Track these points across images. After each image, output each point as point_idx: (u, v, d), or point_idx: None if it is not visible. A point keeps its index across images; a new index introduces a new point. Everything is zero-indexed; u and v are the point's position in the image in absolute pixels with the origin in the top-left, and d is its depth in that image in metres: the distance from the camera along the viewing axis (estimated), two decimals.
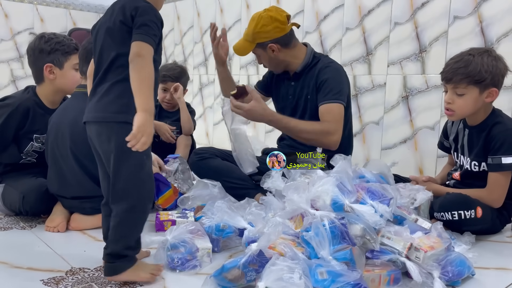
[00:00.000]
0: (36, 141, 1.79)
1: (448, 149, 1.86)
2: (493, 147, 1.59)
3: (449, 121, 1.84)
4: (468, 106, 1.60)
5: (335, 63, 2.00)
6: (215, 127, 3.69)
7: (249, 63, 3.35)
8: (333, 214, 1.23)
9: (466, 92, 1.57)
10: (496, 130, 1.59)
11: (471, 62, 1.56)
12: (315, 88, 1.94)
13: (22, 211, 1.68)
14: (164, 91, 2.50)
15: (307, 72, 1.99)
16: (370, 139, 2.58)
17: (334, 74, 1.93)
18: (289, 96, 2.05)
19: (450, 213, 1.53)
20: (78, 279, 1.21)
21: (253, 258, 1.13)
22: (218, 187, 1.79)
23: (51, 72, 1.77)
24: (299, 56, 2.00)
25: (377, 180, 1.49)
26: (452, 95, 1.60)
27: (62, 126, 1.63)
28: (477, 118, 1.66)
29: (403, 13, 2.40)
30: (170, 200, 1.89)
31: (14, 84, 4.17)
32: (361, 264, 1.18)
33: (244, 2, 3.34)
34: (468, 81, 1.56)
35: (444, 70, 1.63)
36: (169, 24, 4.11)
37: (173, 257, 1.28)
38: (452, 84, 1.59)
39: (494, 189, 1.60)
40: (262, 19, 1.93)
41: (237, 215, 1.43)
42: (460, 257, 1.26)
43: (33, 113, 1.78)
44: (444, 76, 1.62)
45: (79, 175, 1.61)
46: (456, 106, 1.61)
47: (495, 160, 1.58)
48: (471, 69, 1.55)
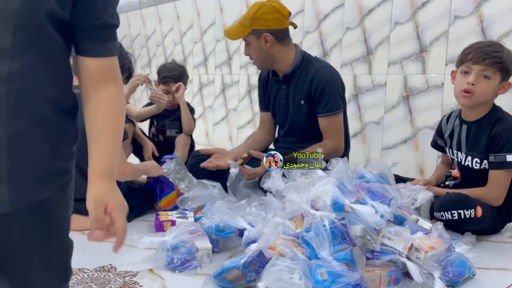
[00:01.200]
0: None
1: (441, 147, 1.85)
2: (496, 144, 1.58)
3: (444, 117, 1.83)
4: (489, 91, 1.58)
5: (328, 67, 2.00)
6: (215, 127, 3.69)
7: (249, 63, 3.34)
8: (333, 214, 1.23)
9: (492, 77, 1.56)
10: (499, 127, 1.59)
11: (504, 50, 1.56)
12: (310, 96, 1.95)
13: None
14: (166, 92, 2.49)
15: (298, 75, 1.98)
16: (371, 139, 2.58)
17: (329, 81, 1.93)
18: (282, 99, 2.05)
19: (450, 212, 1.53)
20: (78, 279, 1.20)
21: (253, 258, 1.13)
22: (218, 187, 1.78)
23: None
24: (289, 56, 1.98)
25: (377, 180, 1.49)
26: (477, 77, 1.56)
27: None
28: (478, 112, 1.65)
29: (403, 12, 2.40)
30: (172, 202, 1.89)
31: None
32: (362, 265, 1.18)
33: (244, 2, 3.33)
34: (499, 67, 1.55)
35: (473, 51, 1.57)
36: (169, 24, 4.11)
37: (173, 257, 1.28)
38: (484, 65, 1.54)
39: (496, 187, 1.60)
40: (265, 7, 1.90)
41: (237, 216, 1.43)
42: (460, 258, 1.26)
43: None
44: (474, 57, 1.56)
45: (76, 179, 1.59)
46: (478, 89, 1.56)
47: (498, 158, 1.58)
48: (505, 56, 1.55)
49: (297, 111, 2.01)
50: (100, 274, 1.24)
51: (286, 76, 1.99)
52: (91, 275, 1.24)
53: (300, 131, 2.04)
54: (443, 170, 1.85)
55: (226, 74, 3.56)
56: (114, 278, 1.22)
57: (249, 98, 3.37)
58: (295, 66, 1.97)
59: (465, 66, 1.60)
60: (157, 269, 1.29)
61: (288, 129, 2.08)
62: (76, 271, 1.26)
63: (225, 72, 3.57)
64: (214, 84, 3.68)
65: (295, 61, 1.97)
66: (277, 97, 2.08)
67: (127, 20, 4.70)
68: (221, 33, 3.55)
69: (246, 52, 2.01)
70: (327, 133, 1.96)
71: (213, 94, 3.71)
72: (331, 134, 1.95)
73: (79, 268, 1.27)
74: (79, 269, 1.26)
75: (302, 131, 2.04)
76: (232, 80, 3.51)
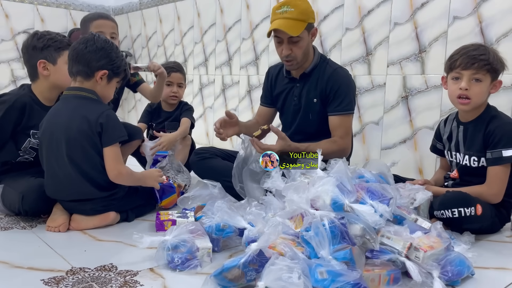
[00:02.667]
0: (33, 137, 1.79)
1: (440, 151, 1.86)
2: (492, 141, 1.61)
3: (442, 121, 1.86)
4: (483, 93, 1.62)
5: (344, 69, 2.03)
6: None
7: (249, 63, 3.35)
8: (333, 214, 1.23)
9: (483, 79, 1.60)
10: (494, 124, 1.62)
11: (489, 51, 1.61)
12: (325, 94, 1.96)
13: (22, 212, 1.68)
14: (169, 85, 2.50)
15: (316, 74, 2.00)
16: (370, 139, 2.58)
17: (345, 82, 1.96)
18: (294, 97, 2.06)
19: (450, 210, 1.53)
20: (79, 278, 1.21)
21: (253, 257, 1.13)
22: (218, 187, 1.79)
23: (44, 68, 1.77)
24: (311, 54, 2.00)
25: (376, 180, 1.50)
26: (469, 82, 1.60)
27: (57, 131, 1.60)
28: (474, 113, 1.68)
29: (402, 13, 2.41)
30: (173, 202, 1.91)
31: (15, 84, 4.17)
32: (361, 264, 1.18)
33: (244, 2, 3.34)
34: (488, 69, 1.59)
35: (460, 57, 1.62)
36: (170, 25, 4.12)
37: (173, 256, 1.29)
38: (474, 69, 1.59)
39: (494, 183, 1.61)
40: (306, 3, 1.90)
41: (237, 215, 1.44)
42: (459, 257, 1.26)
43: (30, 108, 1.77)
44: (463, 63, 1.60)
45: (77, 181, 1.60)
46: (473, 93, 1.61)
47: (494, 154, 1.60)
48: (491, 57, 1.59)
49: (309, 109, 2.02)
50: (101, 273, 1.25)
51: (304, 74, 2.01)
52: (92, 274, 1.24)
53: (308, 130, 2.06)
54: (442, 175, 1.87)
55: (227, 74, 3.57)
56: (115, 277, 1.23)
57: (249, 98, 3.38)
58: (315, 65, 1.99)
59: (456, 73, 1.64)
60: (158, 268, 1.30)
61: (296, 127, 2.09)
62: (77, 270, 1.26)
63: (226, 72, 3.57)
64: (215, 85, 3.69)
65: (315, 60, 2.00)
66: (289, 95, 2.08)
67: (127, 21, 4.71)
68: (222, 34, 3.56)
69: (287, 51, 1.90)
70: (337, 131, 1.96)
71: (213, 94, 3.71)
72: (341, 133, 1.96)
73: (80, 267, 1.28)
74: (80, 268, 1.27)
75: (310, 130, 2.05)
76: (232, 81, 3.52)
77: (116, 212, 1.68)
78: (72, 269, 1.27)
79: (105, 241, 1.53)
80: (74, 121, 1.59)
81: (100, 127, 1.58)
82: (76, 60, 1.61)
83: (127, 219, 1.72)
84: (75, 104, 1.62)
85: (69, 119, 1.60)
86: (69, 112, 1.61)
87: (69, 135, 1.58)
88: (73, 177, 1.59)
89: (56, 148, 1.60)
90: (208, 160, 2.00)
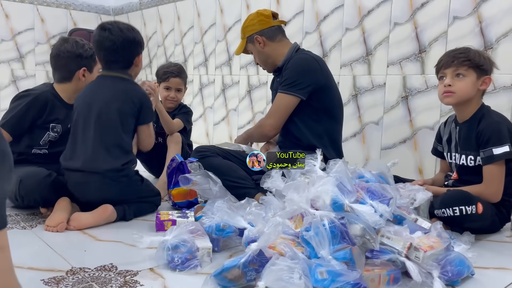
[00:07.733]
0: (52, 130, 1.91)
1: (441, 154, 1.87)
2: (482, 140, 1.63)
3: (442, 124, 1.88)
4: (468, 88, 1.66)
5: (304, 55, 2.07)
6: (215, 127, 3.70)
7: (249, 64, 3.35)
8: (333, 214, 1.23)
9: (466, 74, 1.66)
10: (483, 124, 1.65)
11: (470, 50, 1.68)
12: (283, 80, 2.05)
13: (18, 197, 1.71)
14: (167, 89, 2.49)
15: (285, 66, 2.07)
16: (370, 139, 2.59)
17: (293, 65, 2.01)
18: (274, 91, 2.19)
19: (451, 209, 1.53)
20: (79, 278, 1.21)
21: (253, 257, 1.13)
22: (219, 185, 1.79)
23: (83, 75, 1.95)
24: (282, 51, 2.11)
25: (376, 180, 1.50)
26: (452, 79, 1.67)
27: (95, 103, 1.74)
28: (468, 113, 1.71)
29: (402, 13, 2.41)
30: (182, 197, 1.92)
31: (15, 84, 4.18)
32: (361, 264, 1.18)
33: (244, 2, 3.34)
34: (469, 64, 1.65)
35: (442, 59, 1.72)
36: (170, 25, 4.12)
37: (174, 256, 1.29)
38: (454, 67, 1.66)
39: (491, 182, 1.62)
40: (250, 16, 2.14)
41: (237, 215, 1.44)
42: (459, 257, 1.27)
43: (52, 104, 1.91)
44: (444, 62, 1.70)
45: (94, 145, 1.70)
46: (456, 88, 1.67)
47: (486, 153, 1.62)
48: (471, 54, 1.66)
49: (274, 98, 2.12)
50: (101, 273, 1.25)
51: (279, 68, 2.11)
52: (92, 274, 1.24)
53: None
54: (441, 177, 1.87)
55: (227, 74, 3.57)
56: (115, 277, 1.23)
57: (249, 99, 3.38)
58: (286, 58, 2.07)
59: (440, 73, 1.73)
60: (158, 268, 1.30)
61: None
62: (77, 270, 1.26)
63: (226, 72, 3.57)
64: (215, 85, 3.69)
65: (287, 54, 2.09)
66: (273, 89, 2.23)
67: (127, 21, 4.71)
68: (222, 34, 3.56)
69: (255, 61, 2.21)
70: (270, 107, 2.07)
71: (213, 94, 3.71)
72: (269, 112, 2.05)
73: (80, 267, 1.28)
74: (80, 268, 1.27)
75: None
76: (232, 81, 3.52)
77: (113, 207, 1.70)
78: (72, 269, 1.27)
79: (105, 241, 1.53)
80: (112, 101, 1.74)
81: (140, 105, 1.78)
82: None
83: (124, 217, 1.73)
84: (116, 82, 1.79)
85: (109, 97, 1.75)
86: (109, 89, 1.77)
87: (103, 110, 1.72)
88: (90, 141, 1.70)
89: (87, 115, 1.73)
90: (209, 159, 2.00)
